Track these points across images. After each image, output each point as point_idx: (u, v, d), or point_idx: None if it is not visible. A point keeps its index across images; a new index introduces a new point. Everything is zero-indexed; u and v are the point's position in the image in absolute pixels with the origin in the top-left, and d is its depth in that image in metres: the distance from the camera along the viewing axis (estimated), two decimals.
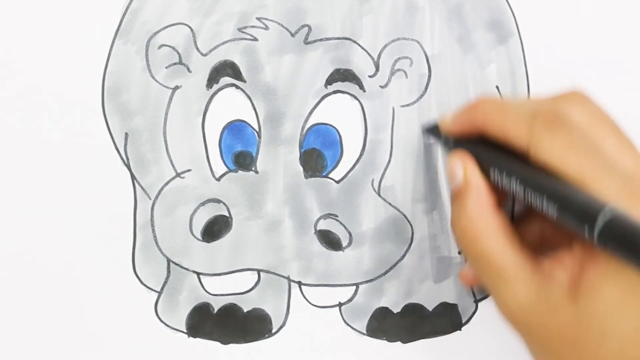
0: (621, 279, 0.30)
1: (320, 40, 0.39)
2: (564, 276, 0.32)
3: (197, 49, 0.39)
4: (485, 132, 0.34)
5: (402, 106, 0.40)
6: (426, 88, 0.40)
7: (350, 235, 0.40)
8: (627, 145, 0.32)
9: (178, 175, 0.40)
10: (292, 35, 0.39)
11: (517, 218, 0.37)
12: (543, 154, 0.31)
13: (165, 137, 0.40)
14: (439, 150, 0.40)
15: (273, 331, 0.41)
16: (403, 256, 0.40)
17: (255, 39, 0.39)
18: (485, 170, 0.34)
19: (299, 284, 0.40)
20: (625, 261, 0.28)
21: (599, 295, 0.30)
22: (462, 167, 0.34)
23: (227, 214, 0.40)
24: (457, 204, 0.34)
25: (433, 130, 0.39)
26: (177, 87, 0.40)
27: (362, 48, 0.40)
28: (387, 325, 0.41)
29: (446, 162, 0.35)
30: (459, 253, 0.41)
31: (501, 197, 0.34)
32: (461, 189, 0.34)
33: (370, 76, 0.40)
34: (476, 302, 0.41)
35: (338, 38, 0.40)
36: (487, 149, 0.34)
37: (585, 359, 0.31)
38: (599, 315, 0.31)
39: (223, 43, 0.39)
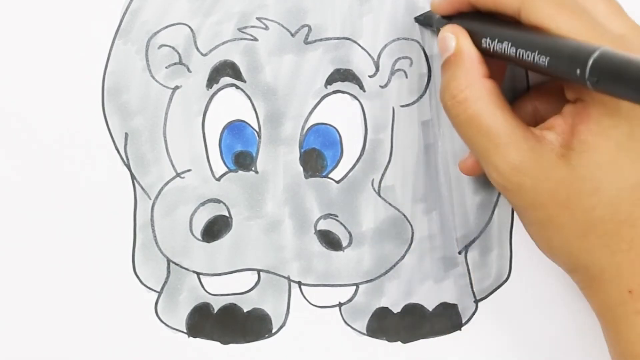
0: (613, 136, 0.31)
1: (320, 40, 0.39)
2: (555, 138, 0.32)
3: (197, 49, 0.39)
4: (476, 5, 0.34)
5: (402, 106, 0.40)
6: (426, 88, 0.40)
7: (350, 235, 0.40)
8: (617, 11, 0.32)
9: (178, 175, 0.40)
10: (292, 35, 0.39)
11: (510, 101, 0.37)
12: (534, 15, 0.31)
13: (165, 137, 0.40)
14: (438, 150, 0.40)
15: (273, 331, 0.41)
16: (403, 256, 0.40)
17: (255, 39, 0.39)
18: (477, 43, 0.34)
19: (299, 284, 0.40)
20: (616, 96, 0.28)
21: (591, 152, 0.31)
22: (455, 38, 0.34)
23: (227, 214, 0.40)
24: (447, 71, 0.34)
25: (425, 19, 0.39)
26: (177, 87, 0.40)
27: (362, 48, 0.40)
28: (387, 325, 0.41)
29: (438, 36, 0.35)
30: (459, 253, 0.41)
31: (493, 72, 0.34)
32: (452, 57, 0.34)
33: (370, 76, 0.40)
34: (476, 302, 0.41)
35: (338, 38, 0.39)
36: (479, 21, 0.34)
37: (577, 218, 0.32)
38: (591, 172, 0.31)
39: (223, 43, 0.39)
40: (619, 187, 0.31)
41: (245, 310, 0.40)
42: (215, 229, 0.40)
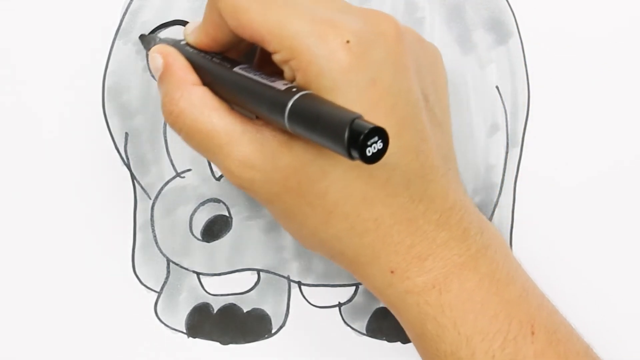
0: None
1: None
2: (275, 128, 0.31)
3: None
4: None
5: None
6: None
7: None
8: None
9: (178, 175, 0.40)
10: None
11: None
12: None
13: (165, 136, 0.40)
14: None
15: (273, 331, 0.41)
16: None
17: None
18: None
19: (299, 284, 0.40)
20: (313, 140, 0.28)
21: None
22: (161, 56, 0.34)
23: (227, 214, 0.40)
24: (161, 89, 0.33)
25: (145, 42, 0.39)
26: None
27: None
28: (387, 325, 0.41)
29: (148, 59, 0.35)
30: None
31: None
32: (163, 74, 0.33)
33: None
34: None
35: None
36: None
37: (314, 205, 0.31)
38: (313, 156, 0.30)
39: None
40: (344, 168, 0.30)
41: (245, 311, 0.40)
42: (215, 229, 0.40)
